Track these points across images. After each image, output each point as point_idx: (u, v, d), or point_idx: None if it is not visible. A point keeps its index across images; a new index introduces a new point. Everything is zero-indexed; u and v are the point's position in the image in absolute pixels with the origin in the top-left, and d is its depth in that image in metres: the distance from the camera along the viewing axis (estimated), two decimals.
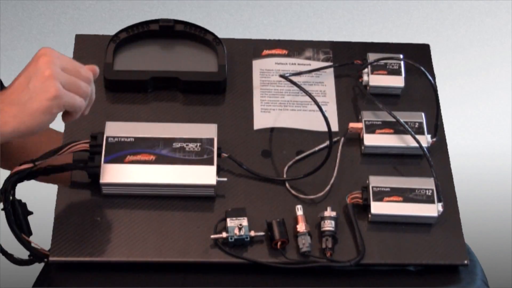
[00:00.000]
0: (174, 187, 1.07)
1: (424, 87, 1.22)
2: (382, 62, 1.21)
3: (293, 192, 1.11)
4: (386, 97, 1.20)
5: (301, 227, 1.05)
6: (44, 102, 0.92)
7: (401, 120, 1.13)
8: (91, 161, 1.07)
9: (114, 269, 1.04)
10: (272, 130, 1.18)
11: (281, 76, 1.20)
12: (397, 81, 1.21)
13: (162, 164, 1.07)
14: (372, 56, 1.22)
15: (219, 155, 1.10)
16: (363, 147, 1.15)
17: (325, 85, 1.23)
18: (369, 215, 1.08)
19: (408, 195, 1.08)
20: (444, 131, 1.18)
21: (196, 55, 1.23)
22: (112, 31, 1.23)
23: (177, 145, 1.09)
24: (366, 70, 1.21)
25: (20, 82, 0.94)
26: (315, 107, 1.12)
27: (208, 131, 1.11)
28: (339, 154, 1.14)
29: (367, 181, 1.09)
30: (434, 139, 1.15)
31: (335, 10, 2.62)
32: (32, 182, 1.08)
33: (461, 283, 1.06)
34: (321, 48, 1.27)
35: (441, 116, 1.18)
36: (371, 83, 1.21)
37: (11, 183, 1.03)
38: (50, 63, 0.93)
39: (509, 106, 2.49)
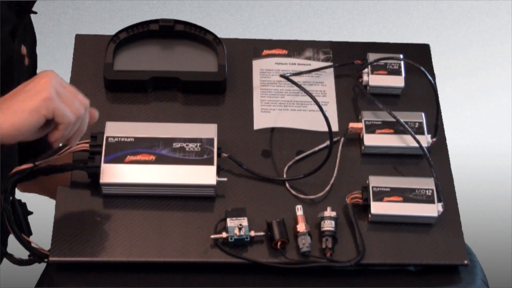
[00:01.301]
0: (174, 187, 1.07)
1: (424, 87, 1.22)
2: (382, 62, 1.21)
3: (293, 192, 1.11)
4: (386, 97, 1.20)
5: (301, 227, 1.05)
6: (34, 102, 0.91)
7: (401, 120, 1.13)
8: (91, 161, 1.07)
9: (114, 269, 1.04)
10: (272, 130, 1.18)
11: (282, 76, 1.20)
12: (397, 81, 1.21)
13: (162, 164, 1.07)
14: (372, 56, 1.22)
15: (219, 155, 1.10)
16: (363, 147, 1.15)
17: (325, 85, 1.23)
18: (369, 215, 1.08)
19: (408, 195, 1.08)
20: (444, 131, 1.18)
21: (196, 55, 1.23)
22: (112, 31, 1.23)
23: (177, 145, 1.09)
24: (366, 70, 1.21)
25: (19, 87, 0.94)
26: (315, 107, 1.12)
27: (208, 131, 1.11)
28: (339, 154, 1.14)
29: (367, 181, 1.09)
30: (434, 139, 1.15)
31: (335, 10, 2.62)
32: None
33: (461, 283, 1.06)
34: (321, 48, 1.27)
35: (441, 116, 1.18)
36: (371, 83, 1.20)
37: (11, 183, 1.03)
38: (50, 74, 0.94)
39: (509, 106, 2.49)
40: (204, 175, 1.07)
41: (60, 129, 0.94)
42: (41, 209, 1.16)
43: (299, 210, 1.07)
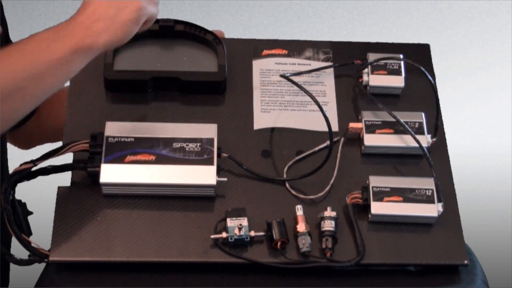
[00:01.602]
0: (174, 187, 1.07)
1: (424, 87, 1.21)
2: (382, 62, 1.21)
3: (293, 192, 1.11)
4: (386, 97, 1.20)
5: (301, 227, 1.05)
6: (133, 14, 1.01)
7: (401, 120, 1.13)
8: (91, 161, 1.07)
9: (114, 269, 1.04)
10: (272, 130, 1.18)
11: (282, 76, 1.20)
12: (397, 81, 1.21)
13: (162, 164, 1.07)
14: (372, 56, 1.22)
15: (219, 155, 1.10)
16: (363, 147, 1.15)
17: (325, 85, 1.23)
18: (369, 215, 1.08)
19: (408, 195, 1.08)
20: (444, 131, 1.18)
21: (196, 55, 1.23)
22: None
23: (177, 145, 1.09)
24: (366, 70, 1.21)
25: (100, 1, 1.01)
26: (315, 107, 1.12)
27: (208, 131, 1.11)
28: (339, 154, 1.14)
29: (367, 181, 1.09)
30: (434, 139, 1.15)
31: (335, 10, 2.62)
32: (32, 182, 1.08)
33: (461, 283, 1.06)
34: (321, 48, 1.27)
35: (441, 116, 1.18)
36: (371, 83, 1.20)
37: (11, 183, 1.03)
38: None
39: (509, 106, 2.49)
40: (204, 175, 1.07)
41: (147, 24, 1.06)
42: (41, 209, 1.16)
43: (299, 210, 1.07)
